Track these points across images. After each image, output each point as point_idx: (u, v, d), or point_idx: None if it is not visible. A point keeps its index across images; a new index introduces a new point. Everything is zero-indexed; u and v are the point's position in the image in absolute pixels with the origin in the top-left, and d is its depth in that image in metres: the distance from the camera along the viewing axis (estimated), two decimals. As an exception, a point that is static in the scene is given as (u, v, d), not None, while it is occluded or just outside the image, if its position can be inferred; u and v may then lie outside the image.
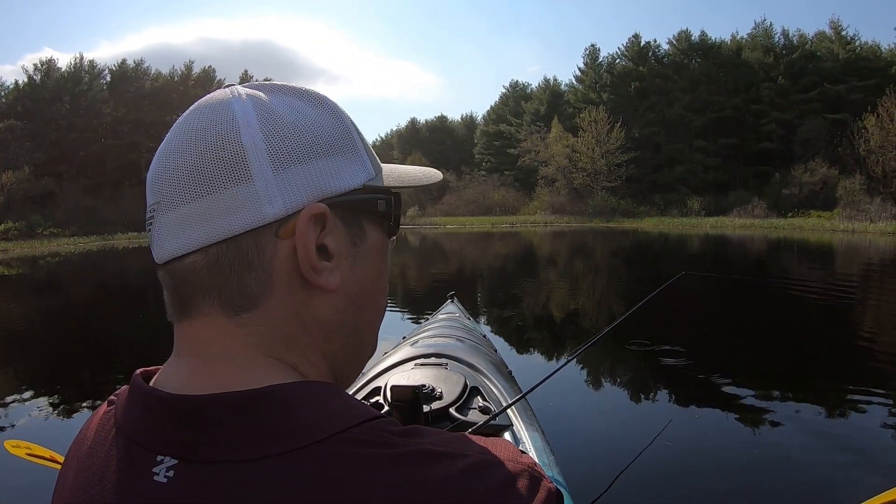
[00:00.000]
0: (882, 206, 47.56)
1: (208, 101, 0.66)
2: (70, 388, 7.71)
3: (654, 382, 6.90)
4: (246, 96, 0.64)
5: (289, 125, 0.64)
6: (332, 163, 0.66)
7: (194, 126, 0.63)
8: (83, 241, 49.30)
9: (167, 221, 0.63)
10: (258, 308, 0.62)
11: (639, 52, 76.81)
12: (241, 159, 0.60)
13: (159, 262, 0.65)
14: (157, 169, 0.64)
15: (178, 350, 0.66)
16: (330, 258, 0.65)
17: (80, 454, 0.66)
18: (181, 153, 0.62)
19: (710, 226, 51.70)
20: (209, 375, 0.61)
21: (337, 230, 0.66)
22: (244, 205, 0.60)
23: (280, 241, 0.62)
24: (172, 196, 0.62)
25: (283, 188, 0.61)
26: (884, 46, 68.06)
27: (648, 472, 4.62)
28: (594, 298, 15.60)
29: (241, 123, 0.62)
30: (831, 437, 5.30)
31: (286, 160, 0.62)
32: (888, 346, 8.95)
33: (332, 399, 0.61)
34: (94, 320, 13.66)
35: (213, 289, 0.62)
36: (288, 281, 0.63)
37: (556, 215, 65.24)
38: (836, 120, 61.01)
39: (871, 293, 15.49)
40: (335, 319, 0.68)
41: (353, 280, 0.68)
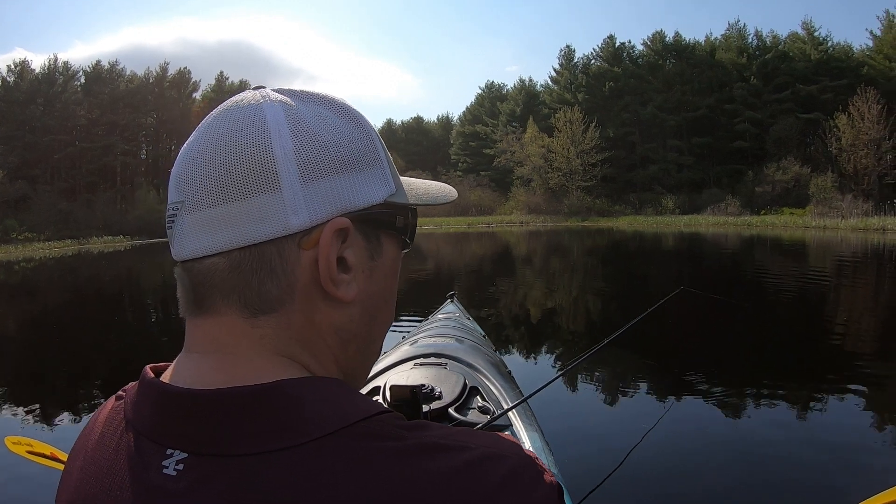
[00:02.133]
0: (853, 202, 48.17)
1: (239, 104, 0.65)
2: (47, 393, 7.53)
3: (652, 382, 6.81)
4: (278, 103, 0.64)
5: (319, 137, 0.64)
6: (357, 177, 0.66)
7: (225, 129, 0.63)
8: (58, 245, 48.56)
9: (191, 222, 0.63)
10: (276, 312, 0.63)
11: (614, 52, 77.46)
12: (270, 168, 0.60)
13: (178, 259, 0.65)
14: (184, 168, 0.64)
15: (189, 346, 0.66)
16: (348, 271, 0.66)
17: (87, 448, 0.66)
18: (210, 155, 0.62)
19: (684, 224, 52.22)
20: (220, 371, 0.61)
21: (357, 244, 0.67)
22: (271, 214, 0.60)
23: (302, 251, 0.62)
24: (198, 198, 0.62)
25: (309, 200, 0.61)
26: (856, 47, 69.47)
27: (647, 471, 4.50)
28: (585, 298, 15.55)
29: (272, 132, 0.61)
30: (828, 435, 5.20)
31: (314, 172, 0.62)
32: (884, 346, 8.96)
33: (341, 394, 0.61)
34: (72, 325, 13.36)
35: (232, 291, 0.62)
36: (307, 289, 0.63)
37: (531, 215, 65.68)
38: (809, 119, 62.07)
39: (854, 288, 15.58)
40: (349, 328, 0.69)
41: (368, 292, 0.69)
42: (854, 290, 14.86)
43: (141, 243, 50.23)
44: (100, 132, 69.95)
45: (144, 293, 19.41)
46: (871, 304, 12.52)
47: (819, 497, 4.17)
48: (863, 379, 6.85)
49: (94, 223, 56.29)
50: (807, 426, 5.45)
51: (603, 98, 73.64)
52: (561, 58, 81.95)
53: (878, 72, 61.01)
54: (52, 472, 2.70)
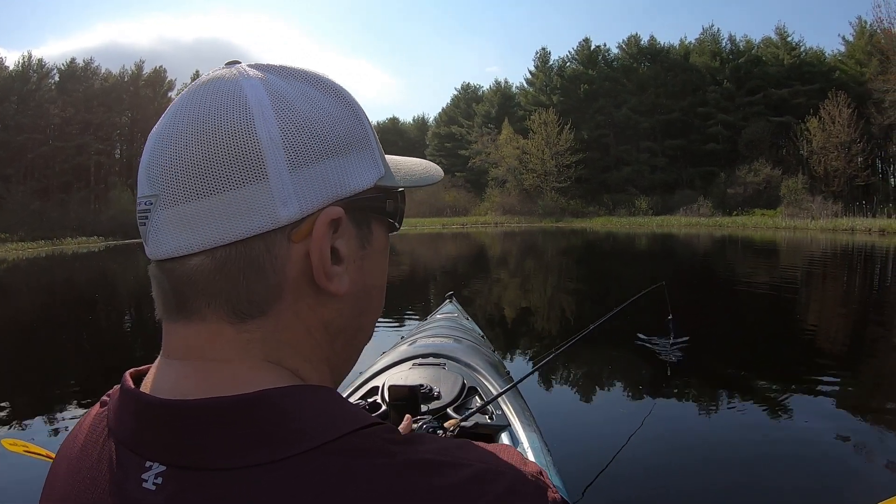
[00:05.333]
0: (823, 204, 48.74)
1: (214, 82, 0.60)
2: (21, 395, 7.49)
3: (650, 382, 6.87)
4: (258, 80, 0.59)
5: (306, 118, 0.59)
6: (347, 161, 0.62)
7: (201, 111, 0.58)
8: (31, 246, 47.88)
9: (168, 218, 0.58)
10: (265, 315, 0.59)
11: (589, 55, 77.69)
12: (256, 155, 0.56)
13: (154, 259, 0.60)
14: (157, 157, 0.58)
15: (169, 351, 0.61)
16: (340, 262, 0.61)
17: (71, 456, 0.63)
18: (186, 143, 0.57)
19: (657, 224, 52.58)
20: (202, 380, 0.57)
21: (348, 233, 0.63)
22: (257, 206, 0.56)
23: (293, 244, 0.58)
24: (175, 191, 0.57)
25: (298, 189, 0.57)
26: (828, 52, 70.15)
27: (646, 470, 4.57)
28: (563, 297, 15.67)
29: (255, 113, 0.57)
30: (829, 434, 5.20)
31: (303, 158, 0.58)
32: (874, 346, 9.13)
33: (329, 404, 0.58)
34: (46, 327, 13.23)
35: (218, 294, 0.57)
36: (297, 286, 0.59)
37: (506, 216, 65.70)
38: (780, 122, 62.71)
39: (824, 287, 15.82)
40: (339, 323, 0.65)
41: (359, 283, 0.65)
42: (824, 289, 15.12)
43: (115, 244, 49.69)
44: (74, 131, 68.91)
45: (119, 295, 19.20)
46: (842, 304, 12.72)
47: (818, 498, 4.19)
48: (861, 378, 7.02)
49: (67, 223, 55.38)
50: (804, 425, 5.48)
51: (578, 100, 73.75)
52: (536, 60, 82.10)
53: (849, 76, 61.54)
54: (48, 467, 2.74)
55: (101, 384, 0.53)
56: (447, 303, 5.46)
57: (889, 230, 36.88)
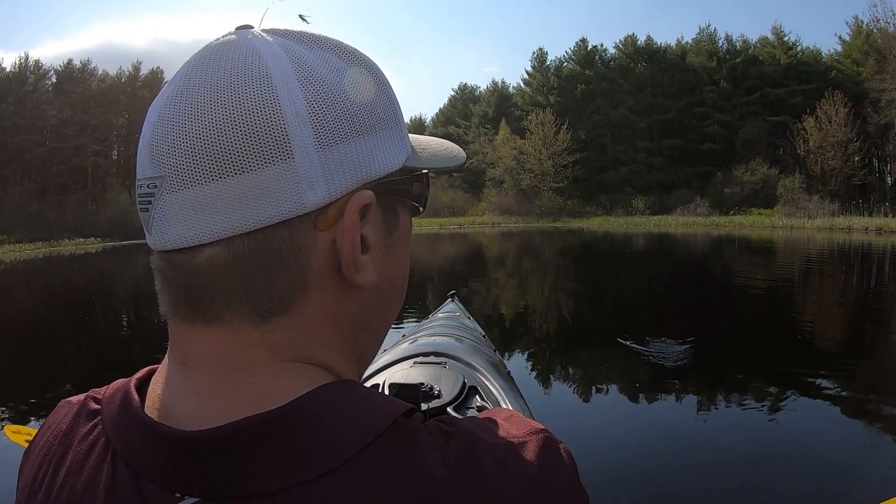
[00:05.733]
0: (820, 203, 48.83)
1: (228, 47, 0.54)
2: (16, 393, 7.50)
3: (650, 382, 6.86)
4: (278, 47, 0.53)
5: (333, 90, 0.54)
6: (377, 139, 0.56)
7: (215, 81, 0.51)
8: (29, 247, 47.70)
9: (177, 202, 0.52)
10: (289, 312, 0.54)
11: (586, 55, 77.70)
12: (280, 131, 0.50)
13: (160, 249, 0.54)
14: (162, 134, 0.52)
15: (184, 357, 0.55)
16: (368, 251, 0.56)
17: (54, 459, 0.56)
18: (198, 116, 0.51)
19: (654, 224, 52.63)
20: (229, 398, 0.52)
21: (376, 219, 0.58)
22: (281, 189, 0.50)
23: (319, 233, 0.53)
24: (186, 172, 0.51)
25: (327, 170, 0.52)
26: (824, 52, 70.19)
27: (647, 469, 4.58)
28: (563, 299, 15.72)
29: (278, 84, 0.51)
30: (827, 434, 5.25)
31: (332, 135, 0.52)
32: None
33: (359, 401, 0.53)
34: (43, 328, 13.24)
35: (237, 292, 0.52)
36: (322, 278, 0.54)
37: (503, 216, 65.60)
38: (777, 122, 62.75)
39: (821, 286, 15.85)
40: (364, 316, 0.60)
41: (385, 272, 0.60)
42: (821, 288, 15.15)
43: (113, 245, 49.41)
44: (71, 132, 68.65)
45: (117, 296, 19.15)
46: (840, 303, 12.76)
47: (817, 498, 4.19)
48: (860, 377, 7.02)
49: (65, 225, 54.99)
50: (802, 425, 5.49)
51: (575, 100, 73.76)
52: (533, 60, 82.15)
53: (845, 76, 61.63)
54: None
55: (100, 385, 0.53)
56: (449, 302, 5.44)
57: (886, 229, 36.98)
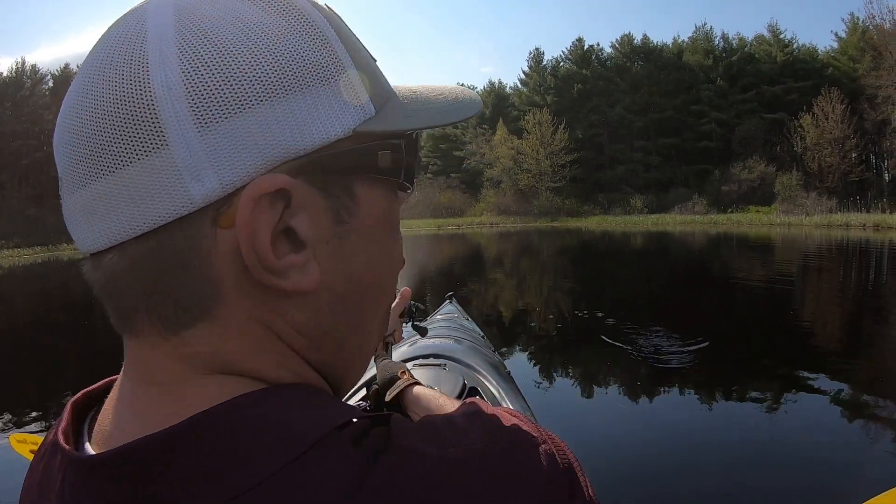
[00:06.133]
0: (818, 200, 48.91)
1: (120, 19, 0.48)
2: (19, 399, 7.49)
3: (650, 381, 6.84)
4: (169, 7, 0.45)
5: (225, 49, 0.43)
6: (296, 103, 0.45)
7: (95, 63, 0.46)
8: (27, 252, 47.78)
9: (73, 205, 0.48)
10: (203, 321, 0.46)
11: (582, 55, 77.70)
12: (149, 114, 0.42)
13: (83, 251, 0.49)
14: (58, 132, 0.48)
15: (124, 370, 0.51)
16: (302, 247, 0.47)
17: (33, 493, 0.51)
18: (77, 109, 0.45)
19: (652, 223, 52.63)
20: (146, 412, 0.47)
21: (312, 204, 0.47)
22: (160, 184, 0.43)
23: (221, 231, 0.44)
24: (73, 172, 0.46)
25: (214, 155, 0.43)
26: (821, 49, 70.35)
27: (647, 469, 4.51)
28: (563, 298, 15.73)
29: (150, 52, 0.43)
30: (823, 431, 5.24)
31: (219, 108, 0.43)
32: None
33: (275, 417, 0.44)
34: (44, 332, 13.28)
35: (142, 301, 0.46)
36: (241, 284, 0.46)
37: (502, 216, 65.69)
38: (774, 119, 62.80)
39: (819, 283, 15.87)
40: (318, 324, 0.50)
41: (340, 270, 0.50)
42: (819, 285, 15.16)
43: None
44: (68, 137, 68.90)
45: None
46: (839, 299, 12.76)
47: (816, 498, 4.15)
48: (859, 373, 6.99)
49: (63, 229, 53.03)
50: (802, 422, 5.46)
51: (571, 100, 73.81)
52: (530, 60, 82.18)
53: (842, 73, 61.71)
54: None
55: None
56: (447, 303, 5.43)
57: (883, 225, 37.09)
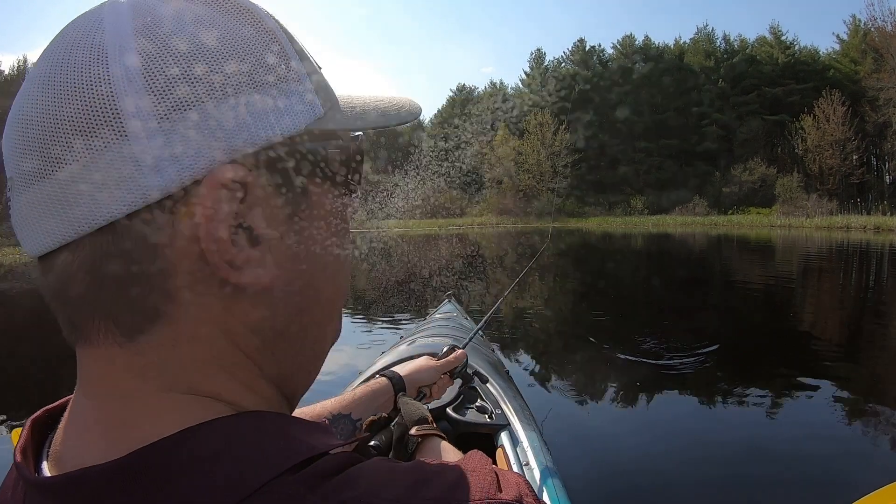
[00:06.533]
0: (818, 202, 48.87)
1: (76, 19, 0.48)
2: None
3: (650, 381, 6.84)
4: (125, 5, 0.46)
5: (183, 43, 0.44)
6: (251, 99, 0.46)
7: (50, 58, 0.45)
8: (28, 251, 47.83)
9: (23, 204, 0.46)
10: (158, 324, 0.45)
11: (583, 56, 77.59)
12: (108, 106, 0.42)
13: (31, 256, 0.48)
14: (8, 131, 0.46)
15: (79, 383, 0.49)
16: (257, 243, 0.47)
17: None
18: (32, 104, 0.44)
19: (652, 224, 52.72)
20: (97, 434, 0.45)
21: (267, 200, 0.47)
22: (118, 176, 0.42)
23: (180, 223, 0.44)
24: (24, 169, 0.44)
25: (173, 146, 0.43)
26: (822, 51, 70.36)
27: (646, 468, 4.50)
28: (563, 298, 15.73)
29: (109, 46, 0.43)
30: (824, 431, 5.19)
31: (179, 101, 0.43)
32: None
33: (240, 448, 0.43)
34: (48, 332, 13.23)
35: (94, 306, 0.45)
36: (196, 282, 0.45)
37: (502, 216, 65.58)
38: (775, 121, 62.86)
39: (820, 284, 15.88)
40: (273, 324, 0.50)
41: (294, 268, 0.50)
42: (819, 287, 15.16)
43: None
44: (69, 135, 68.95)
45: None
46: (839, 301, 12.76)
47: (814, 496, 4.14)
48: (859, 373, 6.99)
49: None
50: (803, 421, 5.45)
51: (573, 101, 73.76)
52: (531, 61, 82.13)
53: (843, 75, 61.75)
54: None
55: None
56: (446, 302, 5.42)
57: (884, 227, 37.07)
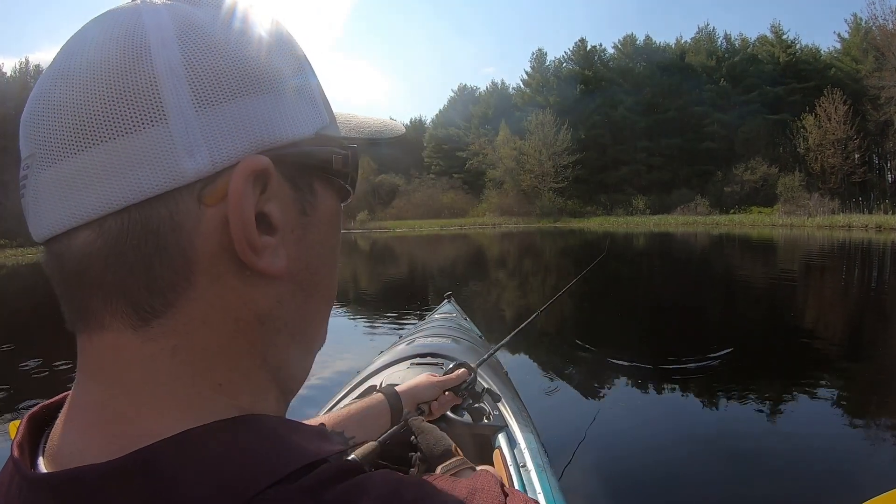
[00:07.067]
0: (820, 201, 48.81)
1: (109, 13, 0.49)
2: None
3: (649, 381, 6.84)
4: (161, 5, 0.48)
5: (219, 45, 0.47)
6: (276, 101, 0.49)
7: (86, 46, 0.46)
8: (31, 251, 47.76)
9: (45, 182, 0.46)
10: (174, 308, 0.46)
11: (585, 55, 77.70)
12: (150, 90, 0.44)
13: (38, 240, 0.49)
14: (34, 108, 0.47)
15: (78, 375, 0.49)
16: (274, 232, 0.49)
17: None
18: (66, 84, 0.45)
19: (654, 224, 52.58)
20: (98, 429, 0.46)
21: (282, 194, 0.50)
22: (154, 156, 0.44)
23: (206, 208, 0.45)
24: (52, 145, 0.45)
25: (209, 133, 0.45)
26: (823, 50, 70.26)
27: (645, 469, 4.48)
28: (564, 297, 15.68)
29: (151, 39, 0.45)
30: (829, 432, 5.14)
31: (215, 93, 0.46)
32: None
33: (237, 453, 0.44)
34: (52, 332, 13.25)
35: (113, 287, 0.45)
36: (213, 265, 0.47)
37: (504, 217, 65.80)
38: (776, 120, 62.78)
39: (822, 283, 15.87)
40: (278, 314, 0.52)
41: (301, 260, 0.53)
42: (822, 286, 15.15)
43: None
44: (72, 136, 68.96)
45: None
46: (841, 300, 12.74)
47: (819, 498, 4.10)
48: (862, 373, 6.95)
49: None
50: (804, 421, 5.43)
51: (574, 100, 73.83)
52: (532, 61, 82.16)
53: (844, 73, 61.64)
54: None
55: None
56: (445, 303, 5.44)
57: (886, 226, 36.99)
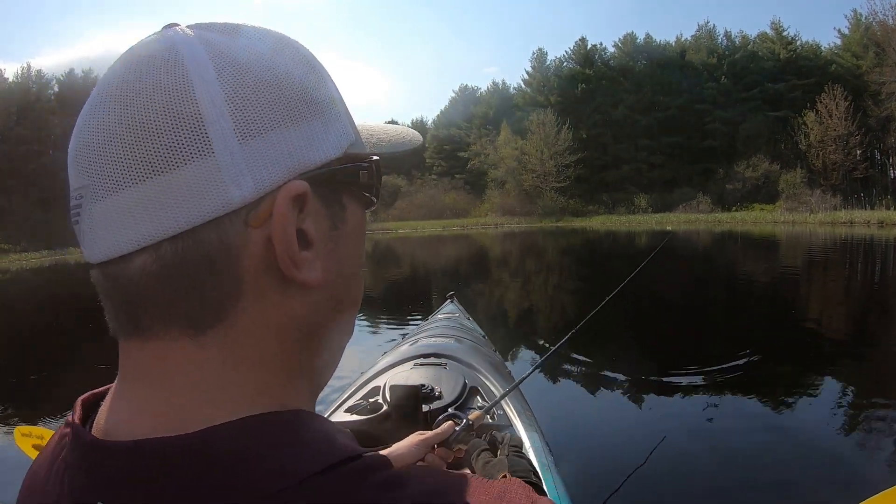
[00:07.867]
0: (822, 197, 48.85)
1: (144, 45, 0.53)
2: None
3: (650, 380, 6.86)
4: (195, 39, 0.51)
5: (255, 78, 0.51)
6: (309, 127, 0.53)
7: (129, 79, 0.50)
8: (35, 256, 47.92)
9: (101, 211, 0.50)
10: (223, 322, 0.50)
11: (585, 55, 77.53)
12: (196, 125, 0.48)
13: (93, 262, 0.53)
14: (85, 141, 0.51)
15: (125, 374, 0.54)
16: (310, 246, 0.53)
17: (36, 486, 0.55)
18: (114, 118, 0.49)
19: (656, 222, 52.59)
20: (156, 415, 0.50)
21: (317, 212, 0.54)
22: (204, 187, 0.48)
23: (251, 230, 0.50)
24: (106, 178, 0.49)
25: (252, 163, 0.49)
26: (824, 46, 70.12)
27: (646, 469, 4.54)
28: (566, 297, 15.76)
29: (193, 76, 0.49)
30: (832, 430, 5.25)
31: (255, 126, 0.50)
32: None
33: (293, 436, 0.49)
34: (56, 336, 13.29)
35: (169, 303, 0.49)
36: (258, 281, 0.51)
37: (506, 216, 65.73)
38: (778, 117, 62.68)
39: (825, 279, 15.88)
40: (313, 321, 0.56)
41: (334, 270, 0.57)
42: (825, 282, 15.18)
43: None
44: (76, 142, 68.86)
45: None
46: (844, 296, 12.77)
47: (820, 496, 4.17)
48: (865, 372, 7.04)
49: (71, 233, 54.73)
50: (806, 421, 5.52)
51: (575, 100, 73.68)
52: (533, 60, 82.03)
53: (845, 69, 61.51)
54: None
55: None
56: (448, 303, 5.47)
57: (888, 222, 37.06)
